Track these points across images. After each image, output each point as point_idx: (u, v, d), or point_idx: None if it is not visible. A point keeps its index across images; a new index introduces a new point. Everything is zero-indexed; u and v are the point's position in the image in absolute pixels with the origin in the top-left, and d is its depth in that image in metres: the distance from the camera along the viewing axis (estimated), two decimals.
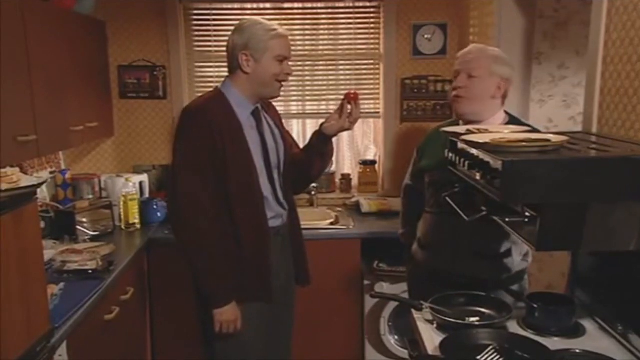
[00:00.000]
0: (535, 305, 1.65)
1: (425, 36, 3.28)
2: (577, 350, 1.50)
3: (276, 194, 2.01)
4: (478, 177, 1.43)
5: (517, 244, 1.95)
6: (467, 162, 1.51)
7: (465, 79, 1.88)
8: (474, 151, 1.47)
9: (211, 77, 3.36)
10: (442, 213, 1.93)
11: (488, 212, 1.48)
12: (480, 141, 1.40)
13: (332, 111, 3.36)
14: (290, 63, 1.95)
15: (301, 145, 2.21)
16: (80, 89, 2.69)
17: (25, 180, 1.45)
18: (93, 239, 2.61)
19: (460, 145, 1.59)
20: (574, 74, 2.96)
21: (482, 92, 1.88)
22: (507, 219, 1.40)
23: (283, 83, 1.97)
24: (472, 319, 1.68)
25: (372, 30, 3.37)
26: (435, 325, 1.69)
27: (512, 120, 1.97)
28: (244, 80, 1.92)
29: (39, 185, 1.50)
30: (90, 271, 2.15)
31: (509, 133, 1.60)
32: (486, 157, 1.37)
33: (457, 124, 2.00)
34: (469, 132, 1.64)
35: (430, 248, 2.03)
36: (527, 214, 1.35)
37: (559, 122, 2.81)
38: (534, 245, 1.34)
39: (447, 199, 1.73)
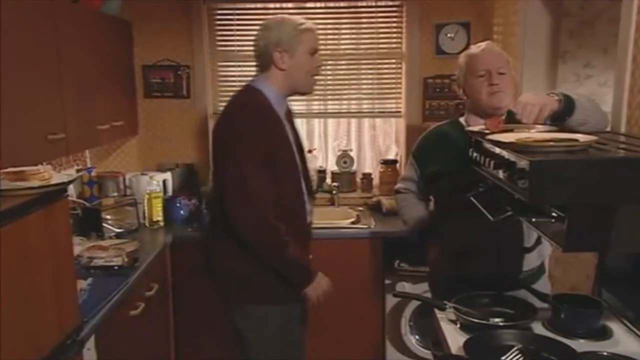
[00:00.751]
0: (562, 307, 1.63)
1: (448, 35, 3.26)
2: (605, 353, 1.48)
3: (309, 191, 2.05)
4: (504, 176, 1.43)
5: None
6: (492, 162, 1.50)
7: (497, 76, 1.92)
8: (499, 151, 1.46)
9: (234, 76, 3.39)
10: (471, 216, 1.81)
11: (513, 213, 1.47)
12: (506, 141, 1.40)
13: (353, 110, 3.43)
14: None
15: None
16: (107, 89, 2.74)
17: (56, 178, 1.48)
18: (118, 235, 2.66)
19: (486, 144, 1.58)
20: (600, 72, 2.92)
21: (511, 85, 1.97)
22: (533, 219, 1.39)
23: (316, 77, 2.00)
24: (496, 320, 1.68)
25: (394, 30, 3.36)
26: (458, 326, 1.68)
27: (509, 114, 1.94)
28: (280, 77, 1.93)
29: (70, 182, 1.54)
30: (116, 267, 2.18)
31: (535, 132, 1.58)
32: (512, 157, 1.36)
33: (457, 124, 2.01)
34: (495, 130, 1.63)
35: (469, 255, 1.95)
36: (553, 214, 1.34)
37: None
38: (562, 246, 1.32)
39: (472, 199, 1.72)
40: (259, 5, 3.31)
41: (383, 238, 2.90)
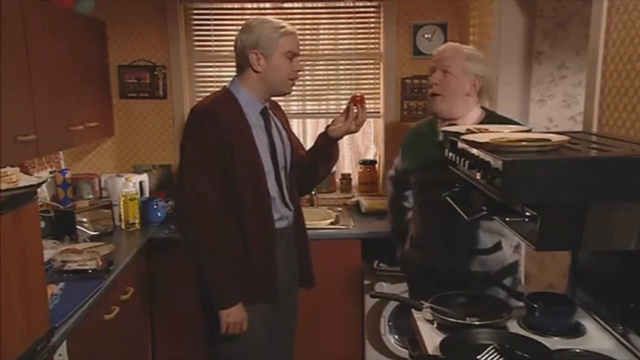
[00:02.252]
0: (536, 305, 1.65)
1: (426, 36, 3.28)
2: (577, 350, 1.50)
3: (283, 195, 1.99)
4: (478, 176, 1.43)
5: (507, 237, 1.98)
6: (467, 162, 1.51)
7: (441, 75, 1.92)
8: (474, 151, 1.47)
9: (211, 77, 3.36)
10: (430, 212, 1.99)
11: (488, 212, 1.48)
12: (481, 141, 1.40)
13: (332, 111, 3.43)
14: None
15: (304, 146, 2.21)
16: (81, 89, 2.69)
17: (25, 180, 1.44)
18: (93, 238, 2.61)
19: (461, 144, 1.59)
20: (574, 73, 2.95)
21: (457, 88, 1.92)
22: (507, 219, 1.40)
23: (294, 80, 1.97)
24: (472, 319, 1.68)
25: (372, 30, 3.37)
26: (435, 325, 1.69)
27: (489, 115, 2.00)
28: (255, 79, 1.91)
29: (39, 185, 1.50)
30: (90, 271, 2.15)
31: (509, 133, 1.59)
32: (486, 157, 1.37)
33: (433, 123, 2.04)
34: (469, 131, 1.64)
35: (423, 247, 2.05)
36: (527, 213, 1.35)
37: (559, 122, 2.81)
38: (535, 245, 1.34)
39: (448, 198, 1.73)
40: (236, 5, 3.29)
41: (362, 238, 2.90)
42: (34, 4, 2.22)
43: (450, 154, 1.68)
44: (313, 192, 3.32)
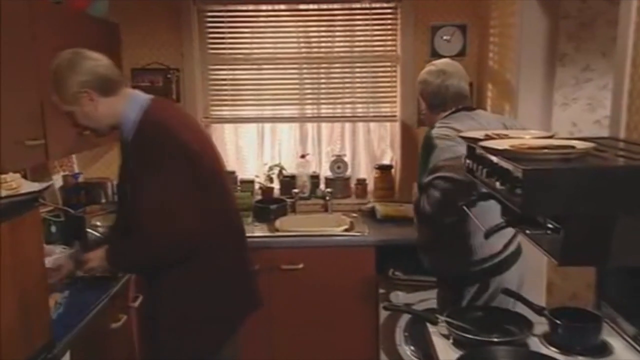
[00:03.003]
0: (559, 322, 1.56)
1: (444, 37, 3.19)
2: None
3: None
4: (497, 185, 1.35)
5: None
6: (485, 170, 1.43)
7: None
8: (493, 158, 1.39)
9: (225, 79, 3.32)
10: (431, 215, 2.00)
11: (507, 223, 1.39)
12: (500, 147, 1.32)
13: (347, 114, 3.36)
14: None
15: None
16: None
17: (27, 187, 1.40)
18: (104, 244, 2.56)
19: (479, 151, 1.51)
20: (599, 76, 2.84)
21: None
22: (527, 231, 1.31)
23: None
24: (490, 335, 1.60)
25: (389, 32, 3.29)
26: (451, 341, 1.61)
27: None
28: None
29: (41, 191, 1.46)
30: (98, 278, 2.10)
31: (530, 139, 1.51)
32: (506, 165, 1.29)
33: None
34: (488, 137, 1.56)
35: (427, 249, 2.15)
36: (549, 225, 1.27)
37: (584, 126, 2.71)
38: (557, 259, 1.25)
39: (465, 208, 1.65)
40: (250, 7, 3.25)
41: (377, 246, 2.82)
42: (44, 6, 2.21)
43: (468, 161, 1.60)
44: (327, 198, 3.26)
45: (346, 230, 2.99)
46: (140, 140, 1.73)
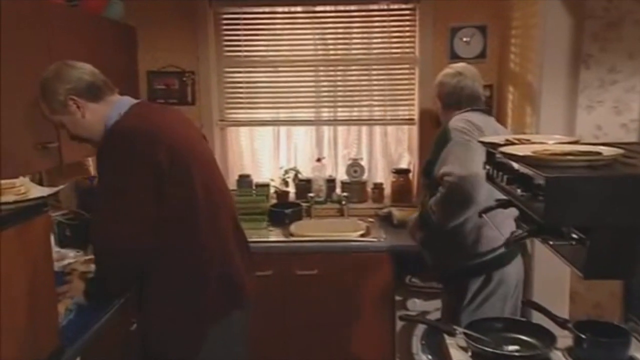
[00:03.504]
0: (584, 336, 1.48)
1: (464, 39, 3.12)
2: None
3: None
4: (518, 192, 1.29)
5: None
6: (506, 176, 1.37)
7: None
8: (514, 164, 1.33)
9: (241, 82, 3.29)
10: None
11: (528, 233, 1.33)
12: (521, 154, 1.26)
13: (364, 118, 3.30)
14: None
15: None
16: None
17: (37, 191, 1.38)
18: None
19: (499, 157, 1.45)
20: (625, 78, 2.75)
21: None
22: (551, 242, 1.25)
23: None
24: (511, 348, 1.54)
25: (407, 34, 3.23)
26: (470, 354, 1.55)
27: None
28: None
29: (50, 196, 1.44)
30: None
31: (554, 144, 1.44)
32: (528, 172, 1.22)
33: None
34: (508, 142, 1.50)
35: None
36: (574, 235, 1.20)
37: (609, 130, 2.62)
38: (582, 272, 1.19)
39: (484, 216, 1.59)
40: (266, 9, 3.22)
41: (393, 252, 2.76)
42: (58, 8, 2.20)
43: (487, 167, 1.54)
44: (343, 202, 3.20)
45: (362, 235, 2.93)
46: (101, 150, 1.68)
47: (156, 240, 1.66)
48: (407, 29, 3.23)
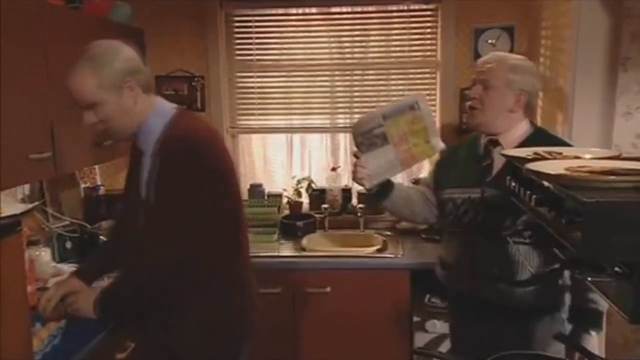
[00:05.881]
0: None
1: (489, 41, 2.93)
2: None
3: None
4: (550, 217, 1.10)
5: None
6: (534, 196, 1.18)
7: (481, 90, 1.76)
8: (544, 182, 1.14)
9: (252, 87, 3.15)
10: (462, 233, 1.81)
11: (562, 266, 1.14)
12: (553, 173, 1.07)
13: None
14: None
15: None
16: None
17: (9, 209, 1.25)
18: None
19: (526, 173, 1.26)
20: None
21: (498, 104, 1.74)
22: (589, 278, 1.06)
23: None
24: None
25: (428, 35, 3.05)
26: None
27: (537, 132, 1.81)
28: None
29: (24, 213, 1.31)
30: None
31: (591, 159, 1.25)
32: (561, 192, 1.04)
33: (478, 137, 1.86)
34: (537, 156, 1.31)
35: (451, 269, 1.90)
36: (617, 270, 1.01)
37: None
38: (628, 315, 0.99)
39: (509, 239, 1.41)
40: (280, 11, 3.08)
41: (412, 269, 2.58)
42: (58, 10, 2.10)
43: (513, 184, 1.36)
44: (359, 214, 3.02)
45: (378, 250, 2.75)
46: (166, 158, 1.58)
47: (210, 256, 1.61)
48: (428, 30, 3.05)
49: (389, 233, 2.98)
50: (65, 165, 2.09)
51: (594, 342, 1.71)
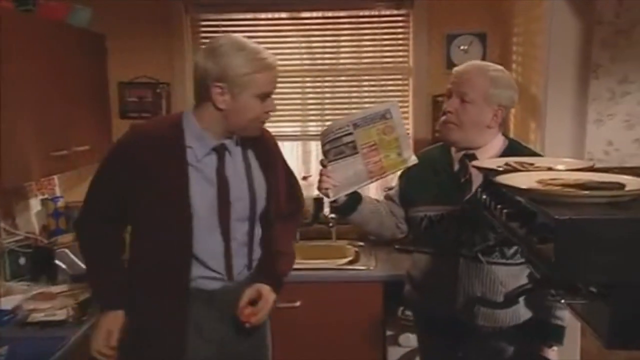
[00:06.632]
0: None
1: (461, 47, 2.89)
2: None
3: (227, 254, 1.59)
4: (522, 233, 1.04)
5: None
6: (505, 211, 1.12)
7: (458, 103, 1.65)
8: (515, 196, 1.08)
9: None
10: (437, 254, 1.72)
11: (534, 286, 1.08)
12: (524, 186, 1.01)
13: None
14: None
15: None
16: (71, 109, 2.42)
17: None
18: (75, 279, 2.29)
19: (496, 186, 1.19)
20: (638, 89, 2.53)
21: (475, 120, 1.63)
22: (562, 301, 0.99)
23: (264, 121, 1.62)
24: None
25: (400, 42, 3.00)
26: None
27: (512, 145, 1.72)
28: (214, 116, 1.53)
29: None
30: (57, 323, 1.83)
31: (564, 170, 1.19)
32: (533, 207, 0.97)
33: (448, 149, 1.76)
34: (509, 167, 1.25)
35: (425, 290, 1.78)
36: (592, 289, 0.95)
37: (621, 146, 2.40)
38: (604, 339, 0.93)
39: (480, 255, 1.34)
40: (248, 15, 2.99)
41: (385, 281, 2.50)
42: (7, 14, 1.98)
43: (484, 196, 1.29)
44: (330, 224, 2.94)
45: (350, 262, 2.68)
46: (264, 142, 1.71)
47: None
48: (400, 36, 3.00)
49: (361, 244, 2.90)
50: (13, 177, 1.97)
51: (554, 355, 1.68)
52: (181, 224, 1.52)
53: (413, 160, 1.67)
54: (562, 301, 0.99)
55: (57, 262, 2.26)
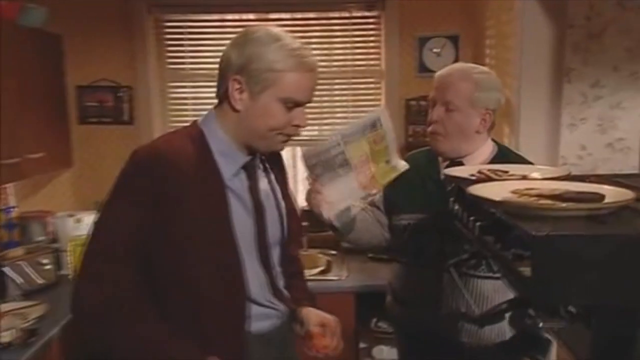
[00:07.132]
0: None
1: (434, 50, 2.84)
2: None
3: (273, 283, 1.35)
4: (496, 247, 0.96)
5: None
6: (478, 223, 1.04)
7: (442, 112, 1.57)
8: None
9: (186, 98, 2.94)
10: (420, 265, 1.63)
11: (510, 305, 1.00)
12: (497, 199, 0.93)
13: (325, 137, 2.95)
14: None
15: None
16: (21, 115, 2.28)
17: None
18: (28, 295, 2.16)
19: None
20: (610, 93, 2.50)
21: (463, 127, 1.55)
22: (541, 324, 0.92)
23: (289, 138, 1.32)
24: None
25: (371, 44, 2.94)
26: None
27: (503, 151, 1.64)
28: (232, 119, 1.26)
29: None
30: (1, 346, 1.70)
31: (540, 180, 1.12)
32: (508, 220, 0.90)
33: (435, 155, 1.67)
34: (482, 176, 1.18)
35: (406, 303, 1.70)
36: (571, 309, 0.88)
37: (594, 149, 2.38)
38: None
39: (452, 270, 1.26)
40: (214, 16, 2.89)
41: (357, 292, 2.41)
42: None
43: (457, 207, 1.22)
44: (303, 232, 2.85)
45: (322, 272, 2.59)
46: (280, 162, 1.50)
47: None
48: (372, 39, 2.93)
49: (333, 252, 2.82)
50: None
51: None
52: (229, 259, 1.25)
53: (404, 165, 1.55)
54: (540, 325, 0.91)
55: (7, 277, 2.11)
